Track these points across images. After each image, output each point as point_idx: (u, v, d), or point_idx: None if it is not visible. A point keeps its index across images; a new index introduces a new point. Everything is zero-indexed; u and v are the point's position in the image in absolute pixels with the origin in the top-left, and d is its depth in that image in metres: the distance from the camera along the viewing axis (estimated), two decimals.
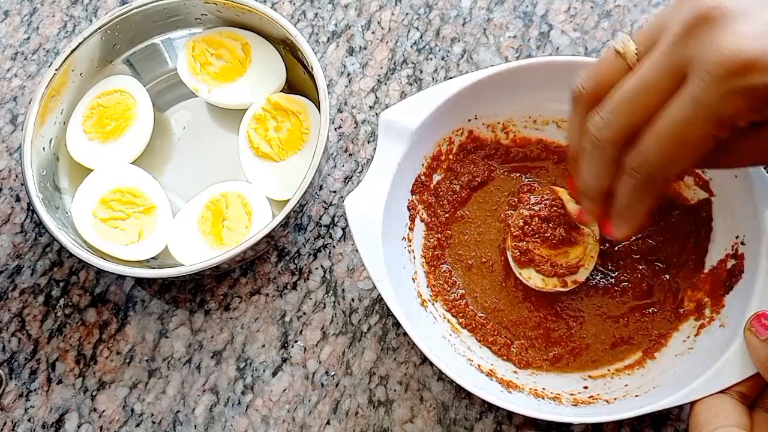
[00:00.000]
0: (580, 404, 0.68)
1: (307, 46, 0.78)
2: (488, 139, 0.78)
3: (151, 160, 0.83)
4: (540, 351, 0.72)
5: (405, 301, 0.69)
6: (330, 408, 0.73)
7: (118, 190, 0.79)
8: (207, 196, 0.79)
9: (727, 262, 0.70)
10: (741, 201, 0.69)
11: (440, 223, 0.77)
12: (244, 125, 0.81)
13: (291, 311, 0.77)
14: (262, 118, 0.81)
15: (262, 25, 0.83)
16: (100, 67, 0.84)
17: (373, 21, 0.91)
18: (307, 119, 0.80)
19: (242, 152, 0.80)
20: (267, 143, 0.80)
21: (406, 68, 0.88)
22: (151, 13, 0.83)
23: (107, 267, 0.72)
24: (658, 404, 0.63)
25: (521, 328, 0.74)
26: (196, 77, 0.84)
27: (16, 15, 0.94)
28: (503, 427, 0.72)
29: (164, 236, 0.78)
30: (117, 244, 0.77)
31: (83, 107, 0.83)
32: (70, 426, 0.74)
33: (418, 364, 0.74)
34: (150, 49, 0.86)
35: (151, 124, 0.83)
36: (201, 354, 0.76)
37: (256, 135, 0.80)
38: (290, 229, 0.80)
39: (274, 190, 0.79)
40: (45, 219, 0.74)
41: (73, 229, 0.77)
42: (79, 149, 0.81)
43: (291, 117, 0.81)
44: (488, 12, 0.90)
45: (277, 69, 0.84)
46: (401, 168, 0.71)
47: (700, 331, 0.69)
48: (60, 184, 0.80)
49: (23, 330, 0.78)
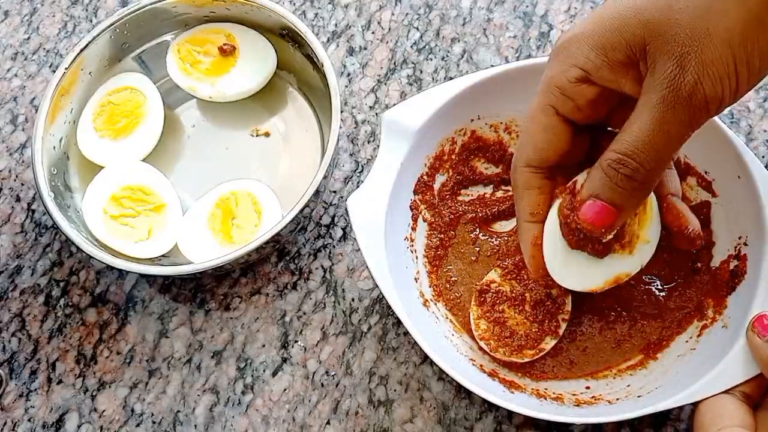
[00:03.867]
0: (582, 405, 0.68)
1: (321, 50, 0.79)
2: (491, 139, 0.78)
3: (161, 157, 0.83)
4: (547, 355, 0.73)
5: (407, 300, 0.69)
6: (330, 408, 0.73)
7: (128, 188, 0.79)
8: (217, 194, 0.79)
9: (729, 263, 0.70)
10: (744, 202, 0.69)
11: (443, 224, 0.77)
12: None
13: (291, 311, 0.77)
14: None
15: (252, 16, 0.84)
16: (110, 65, 0.84)
17: (373, 21, 0.91)
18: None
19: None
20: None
21: (406, 68, 0.88)
22: (160, 11, 0.83)
23: (121, 265, 0.73)
24: (661, 405, 0.63)
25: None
26: (189, 77, 0.84)
27: (16, 15, 0.94)
28: (503, 427, 0.72)
29: (174, 234, 0.78)
30: (127, 242, 0.77)
31: (93, 105, 0.83)
32: (71, 426, 0.74)
33: (418, 364, 0.74)
34: (160, 46, 0.86)
35: (162, 121, 0.83)
36: (201, 354, 0.76)
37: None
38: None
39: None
40: (57, 218, 0.74)
41: (84, 227, 0.77)
42: (90, 147, 0.81)
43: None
44: (488, 12, 0.90)
45: (266, 52, 0.84)
46: (404, 168, 0.71)
47: (702, 331, 0.70)
48: (70, 182, 0.81)
49: (23, 330, 0.78)
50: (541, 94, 0.57)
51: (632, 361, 0.72)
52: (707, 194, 0.73)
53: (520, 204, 0.61)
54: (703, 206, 0.73)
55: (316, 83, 0.82)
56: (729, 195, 0.71)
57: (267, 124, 0.85)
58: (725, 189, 0.72)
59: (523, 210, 0.61)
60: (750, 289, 0.67)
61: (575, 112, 0.57)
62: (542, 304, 0.72)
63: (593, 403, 0.68)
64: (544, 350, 0.71)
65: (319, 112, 0.85)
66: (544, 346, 0.71)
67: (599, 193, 0.55)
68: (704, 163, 0.73)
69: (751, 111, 0.83)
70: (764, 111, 0.83)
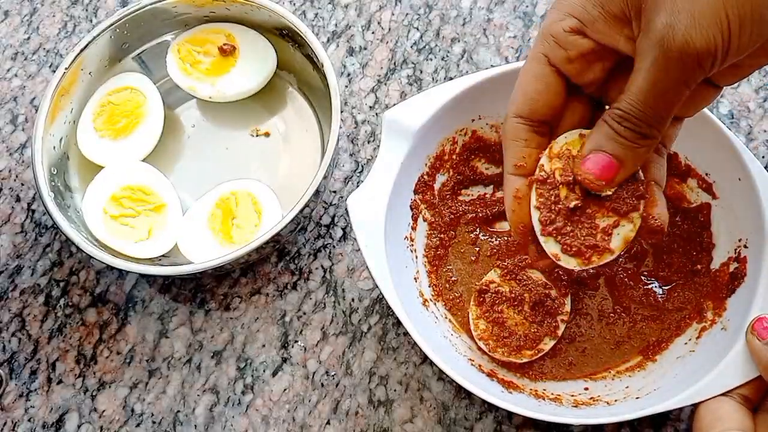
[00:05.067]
0: (580, 406, 0.68)
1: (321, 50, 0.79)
2: (492, 139, 0.78)
3: (161, 157, 0.83)
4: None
5: (406, 300, 0.69)
6: (330, 408, 0.74)
7: (128, 188, 0.79)
8: (217, 195, 0.79)
9: (729, 265, 0.70)
10: (744, 204, 0.69)
11: (443, 223, 0.77)
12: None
13: (291, 311, 0.77)
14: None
15: (252, 16, 0.84)
16: (110, 65, 0.84)
17: (373, 21, 0.91)
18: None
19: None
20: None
21: (406, 68, 0.88)
22: (160, 11, 0.83)
23: (121, 265, 0.73)
24: (659, 407, 0.63)
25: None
26: (189, 77, 0.84)
27: (16, 15, 0.94)
28: (503, 427, 0.72)
29: (174, 234, 0.79)
30: (127, 242, 0.77)
31: (93, 105, 0.83)
32: (71, 426, 0.74)
33: (418, 364, 0.74)
34: (160, 46, 0.86)
35: (162, 121, 0.83)
36: (201, 354, 0.76)
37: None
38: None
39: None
40: (57, 218, 0.74)
41: (84, 226, 0.77)
42: (90, 147, 0.81)
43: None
44: (488, 12, 0.90)
45: (266, 52, 0.85)
46: (404, 167, 0.71)
47: (701, 333, 0.70)
48: (70, 182, 0.81)
49: (23, 330, 0.78)
50: (535, 43, 0.57)
51: (631, 362, 0.72)
52: (708, 196, 0.73)
53: (506, 155, 0.60)
54: (703, 208, 0.73)
55: (316, 83, 0.82)
56: (729, 197, 0.71)
57: (267, 124, 0.85)
58: (726, 191, 0.72)
59: (509, 162, 0.60)
60: (750, 291, 0.67)
61: (567, 63, 0.57)
62: (541, 305, 0.72)
63: (591, 404, 0.68)
64: (542, 351, 0.71)
65: (319, 112, 0.85)
66: (542, 347, 0.71)
67: (603, 145, 0.55)
68: (705, 165, 0.73)
69: (751, 111, 0.83)
70: (764, 111, 0.83)
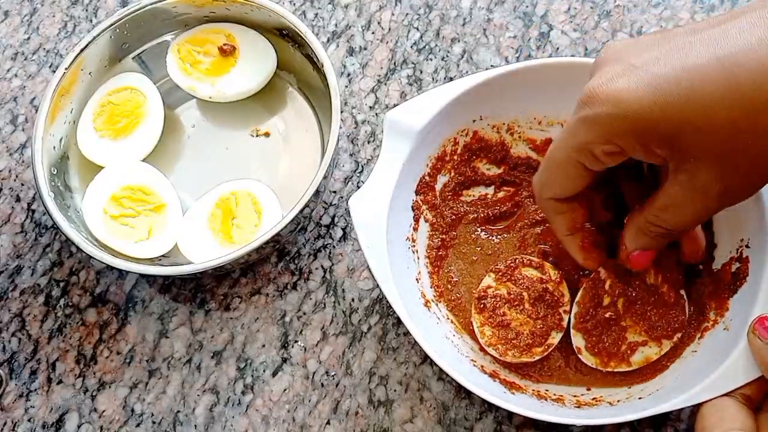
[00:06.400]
0: (583, 406, 0.68)
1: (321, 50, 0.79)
2: (493, 140, 0.78)
3: (161, 157, 0.83)
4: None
5: (408, 301, 0.68)
6: (330, 408, 0.73)
7: (128, 188, 0.79)
8: (217, 195, 0.79)
9: (731, 265, 0.70)
10: (746, 204, 0.68)
11: (445, 224, 0.77)
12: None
13: (291, 311, 0.77)
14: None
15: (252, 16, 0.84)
16: (110, 65, 0.84)
17: (373, 21, 0.91)
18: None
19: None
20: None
21: (406, 68, 0.88)
22: (160, 11, 0.83)
23: (121, 265, 0.73)
24: (662, 407, 0.63)
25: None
26: (189, 77, 0.84)
27: (16, 15, 0.94)
28: (503, 427, 0.72)
29: (174, 234, 0.78)
30: (127, 242, 0.77)
31: (93, 105, 0.83)
32: (71, 426, 0.74)
33: (418, 364, 0.74)
34: (160, 46, 0.86)
35: (162, 121, 0.83)
36: (201, 354, 0.76)
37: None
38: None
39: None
40: (57, 218, 0.74)
41: (84, 227, 0.77)
42: (90, 147, 0.81)
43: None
44: (488, 12, 0.90)
45: (266, 52, 0.85)
46: (405, 168, 0.71)
47: (704, 333, 0.69)
48: (70, 182, 0.81)
49: (23, 330, 0.78)
50: (572, 149, 0.60)
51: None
52: None
53: (555, 226, 0.68)
54: None
55: (316, 83, 0.82)
56: None
57: (267, 124, 0.85)
58: None
59: (560, 230, 0.67)
60: (752, 291, 0.66)
61: (601, 167, 0.61)
62: (541, 300, 0.72)
63: (594, 405, 0.68)
64: (552, 345, 0.71)
65: (319, 112, 0.85)
66: (551, 341, 0.71)
67: (642, 246, 0.65)
68: None
69: None
70: None
